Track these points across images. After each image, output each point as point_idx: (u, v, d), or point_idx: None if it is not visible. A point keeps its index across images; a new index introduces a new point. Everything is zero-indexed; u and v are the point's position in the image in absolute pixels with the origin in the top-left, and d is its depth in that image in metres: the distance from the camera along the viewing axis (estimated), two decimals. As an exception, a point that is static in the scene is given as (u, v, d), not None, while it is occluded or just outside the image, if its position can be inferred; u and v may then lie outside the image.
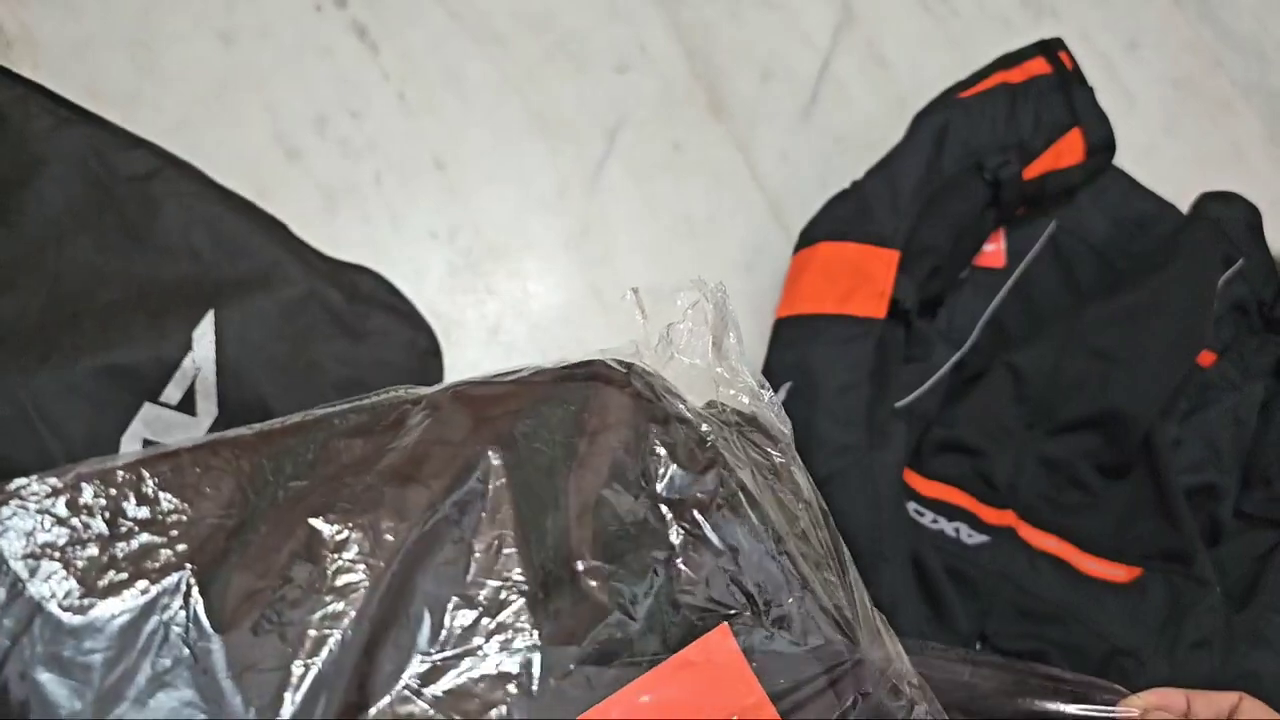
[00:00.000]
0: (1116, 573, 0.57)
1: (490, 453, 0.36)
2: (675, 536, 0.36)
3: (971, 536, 0.59)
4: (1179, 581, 0.56)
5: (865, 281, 0.59)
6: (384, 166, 0.64)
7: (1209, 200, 0.67)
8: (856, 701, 0.36)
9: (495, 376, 0.40)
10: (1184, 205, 0.68)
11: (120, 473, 0.33)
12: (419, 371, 0.59)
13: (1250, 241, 0.66)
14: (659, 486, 0.37)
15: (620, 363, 0.40)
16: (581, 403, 0.38)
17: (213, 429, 0.51)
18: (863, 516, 0.54)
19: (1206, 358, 0.63)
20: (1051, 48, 0.65)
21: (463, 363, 0.61)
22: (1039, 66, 0.65)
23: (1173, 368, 0.60)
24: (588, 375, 0.39)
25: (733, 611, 0.36)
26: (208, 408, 0.51)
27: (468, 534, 0.35)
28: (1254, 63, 0.81)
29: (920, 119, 0.63)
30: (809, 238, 0.62)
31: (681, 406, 0.40)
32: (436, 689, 0.32)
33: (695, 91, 0.70)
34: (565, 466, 0.37)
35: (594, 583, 0.35)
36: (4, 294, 0.50)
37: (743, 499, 0.37)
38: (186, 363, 0.50)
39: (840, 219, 0.61)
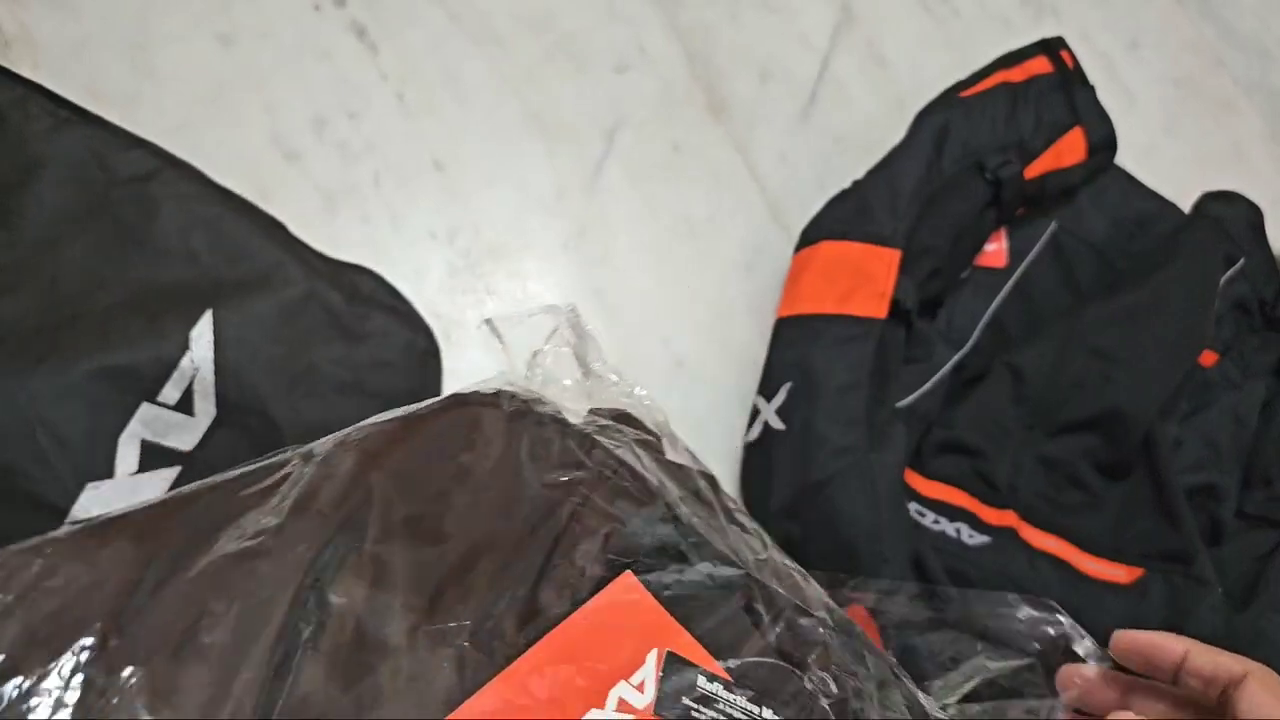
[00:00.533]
0: (1117, 573, 0.57)
1: (378, 477, 0.38)
2: (568, 512, 0.39)
3: (972, 537, 0.59)
4: (1180, 582, 0.55)
5: (866, 281, 0.59)
6: (383, 167, 0.64)
7: (1210, 199, 0.67)
8: (772, 621, 0.39)
9: (371, 421, 0.42)
10: (1185, 205, 0.68)
11: (24, 553, 0.34)
12: (418, 373, 0.58)
13: (1252, 240, 0.66)
14: (546, 477, 0.39)
15: (489, 390, 0.43)
16: (461, 425, 0.41)
17: (211, 429, 0.51)
18: (863, 517, 0.54)
19: (1207, 357, 0.63)
20: (1053, 47, 0.65)
21: (463, 364, 0.61)
22: (1040, 65, 0.65)
23: (1173, 367, 0.60)
24: (461, 403, 0.42)
25: (632, 561, 0.38)
26: (206, 408, 0.51)
27: (369, 547, 0.36)
28: (1256, 61, 0.81)
29: (920, 119, 0.63)
30: (809, 237, 0.62)
31: (554, 409, 0.42)
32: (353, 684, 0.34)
33: (694, 92, 0.70)
34: (453, 479, 0.39)
35: (497, 568, 0.37)
36: (2, 296, 0.50)
37: (626, 472, 0.40)
38: (184, 362, 0.50)
39: (840, 219, 0.61)
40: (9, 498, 0.47)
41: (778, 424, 0.57)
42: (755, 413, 0.59)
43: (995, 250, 0.67)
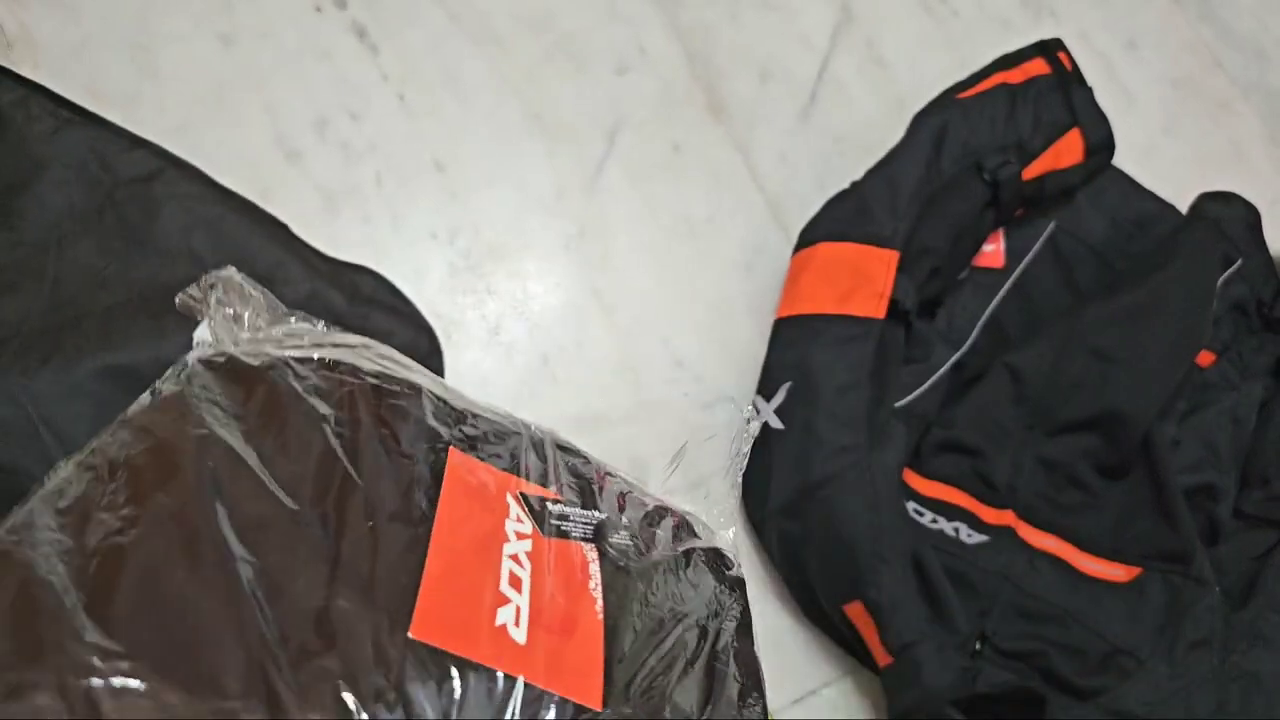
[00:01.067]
0: (1115, 572, 0.57)
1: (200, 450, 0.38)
2: (370, 422, 0.42)
3: (971, 536, 0.59)
4: (1178, 581, 0.56)
5: (865, 282, 0.59)
6: (384, 167, 0.64)
7: (1208, 200, 0.67)
8: (550, 453, 0.48)
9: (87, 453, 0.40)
10: (1183, 205, 0.68)
11: None
12: (419, 372, 0.59)
13: (1249, 241, 0.66)
14: (330, 405, 0.41)
15: (216, 354, 0.43)
16: (229, 383, 0.41)
17: (213, 430, 0.51)
18: (861, 517, 0.54)
19: (1205, 358, 0.63)
20: (1050, 48, 0.65)
21: (463, 363, 0.61)
22: (1038, 67, 0.65)
23: (1172, 368, 0.60)
24: (199, 371, 0.42)
25: (444, 442, 0.44)
26: (208, 409, 0.51)
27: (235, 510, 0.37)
28: (1253, 62, 0.81)
29: (919, 119, 0.63)
30: (808, 238, 0.62)
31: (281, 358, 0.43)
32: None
33: (694, 92, 0.70)
34: (266, 421, 0.40)
35: (361, 494, 0.39)
36: (6, 296, 0.51)
37: (383, 378, 0.44)
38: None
39: (839, 219, 0.62)
40: (12, 498, 0.47)
41: (777, 424, 0.57)
42: (755, 412, 0.60)
43: (993, 251, 0.67)
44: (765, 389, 0.60)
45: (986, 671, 0.53)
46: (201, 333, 0.46)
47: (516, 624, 0.39)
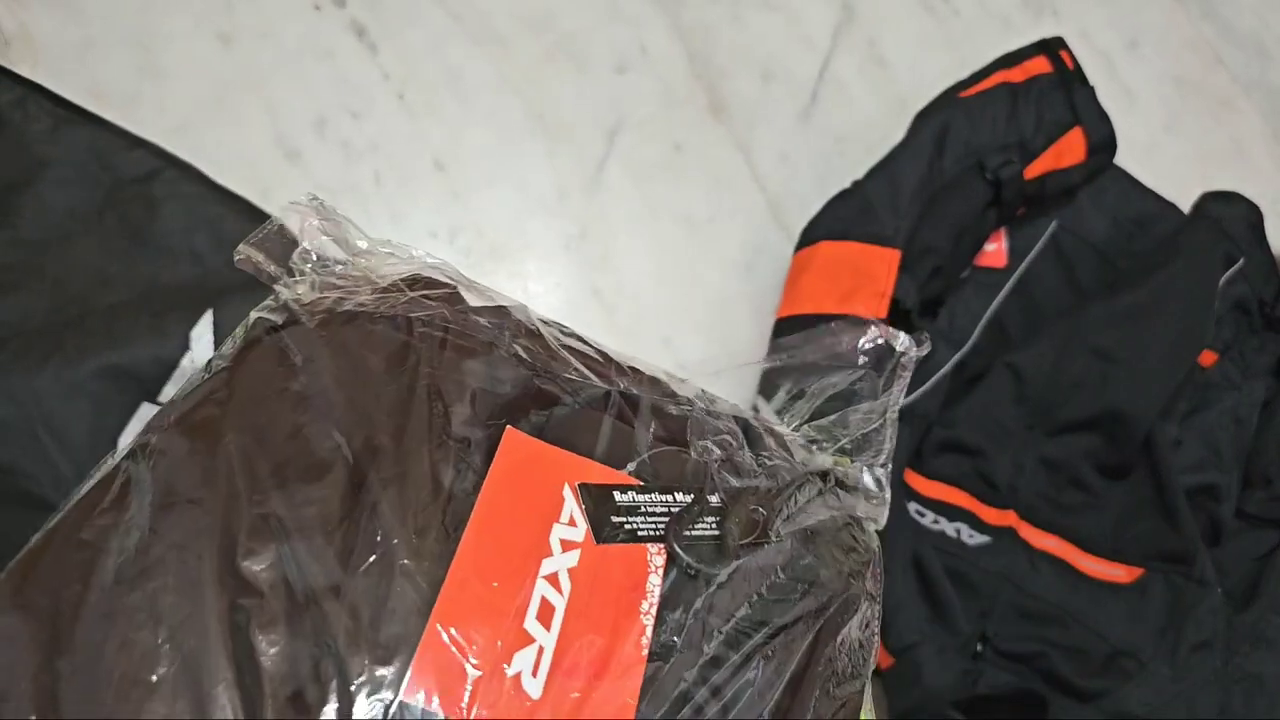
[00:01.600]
0: (1117, 573, 0.57)
1: (223, 442, 0.35)
2: (424, 392, 0.37)
3: (972, 537, 0.59)
4: (1180, 582, 0.56)
5: (866, 281, 0.59)
6: (384, 167, 0.64)
7: (1210, 199, 0.67)
8: (642, 418, 0.41)
9: (180, 397, 0.38)
10: (1185, 204, 0.68)
11: None
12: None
13: (1251, 240, 0.66)
14: (384, 368, 0.38)
15: (278, 313, 0.39)
16: (272, 357, 0.38)
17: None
18: (863, 517, 0.54)
19: (1207, 357, 0.63)
20: (1052, 47, 0.65)
21: (463, 363, 0.61)
22: (1040, 65, 0.65)
23: (1173, 367, 0.60)
24: (265, 334, 0.39)
25: (505, 415, 0.38)
26: (207, 409, 0.51)
27: (254, 511, 0.34)
28: (1255, 60, 0.81)
29: (921, 119, 0.63)
30: (810, 237, 0.62)
31: (352, 304, 0.39)
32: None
33: (695, 92, 0.70)
34: (295, 410, 0.36)
35: (389, 475, 0.36)
36: (7, 296, 0.51)
37: (454, 332, 0.39)
38: (185, 362, 0.50)
39: (841, 218, 0.61)
40: (8, 497, 0.47)
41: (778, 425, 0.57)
42: (755, 413, 0.59)
43: (995, 250, 0.67)
44: (765, 389, 0.60)
45: (988, 673, 0.53)
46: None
47: (534, 673, 0.33)
